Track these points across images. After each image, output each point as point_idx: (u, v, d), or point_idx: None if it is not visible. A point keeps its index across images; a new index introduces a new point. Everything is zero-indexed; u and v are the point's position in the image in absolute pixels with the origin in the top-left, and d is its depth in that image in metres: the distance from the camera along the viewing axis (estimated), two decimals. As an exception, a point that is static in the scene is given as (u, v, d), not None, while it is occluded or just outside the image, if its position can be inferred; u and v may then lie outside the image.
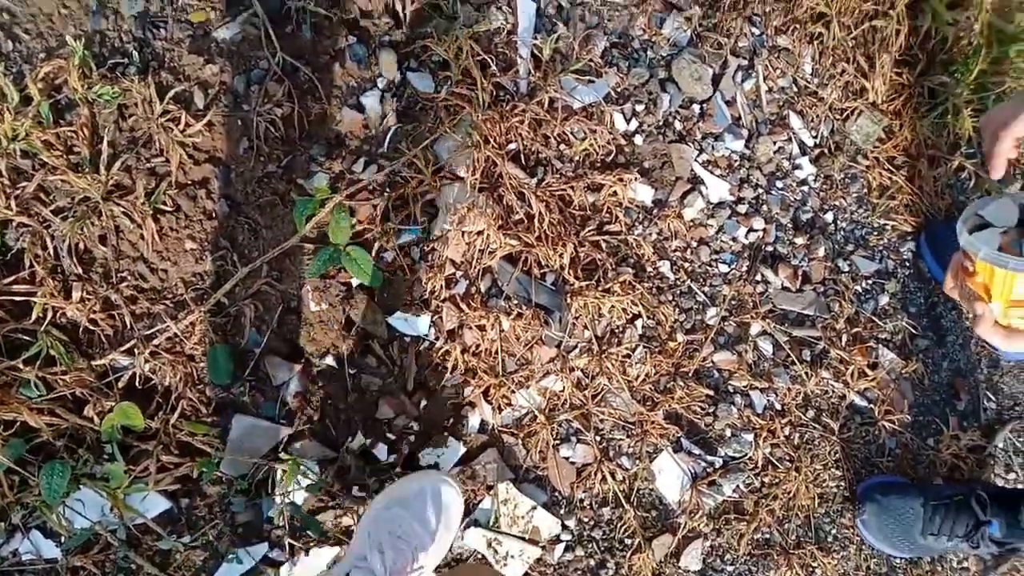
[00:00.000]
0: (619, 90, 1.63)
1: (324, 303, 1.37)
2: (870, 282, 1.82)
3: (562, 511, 1.53)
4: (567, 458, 1.54)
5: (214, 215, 1.33)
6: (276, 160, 1.35)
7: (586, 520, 1.54)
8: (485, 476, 1.46)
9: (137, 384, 1.30)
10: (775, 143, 1.80)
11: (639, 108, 1.65)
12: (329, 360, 1.39)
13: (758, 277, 1.74)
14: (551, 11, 1.60)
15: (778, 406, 1.68)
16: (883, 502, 1.62)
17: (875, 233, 1.86)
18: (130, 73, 1.31)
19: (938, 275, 1.87)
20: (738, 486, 1.62)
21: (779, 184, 1.80)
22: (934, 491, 1.63)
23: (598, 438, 1.57)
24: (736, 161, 1.75)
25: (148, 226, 1.29)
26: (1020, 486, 1.82)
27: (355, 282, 1.40)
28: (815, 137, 1.85)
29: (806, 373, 1.70)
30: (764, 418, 1.66)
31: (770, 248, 1.76)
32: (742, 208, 1.74)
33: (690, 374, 1.64)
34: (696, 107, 1.71)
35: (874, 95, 1.89)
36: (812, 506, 1.66)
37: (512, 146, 1.50)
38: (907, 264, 1.87)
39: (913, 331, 1.82)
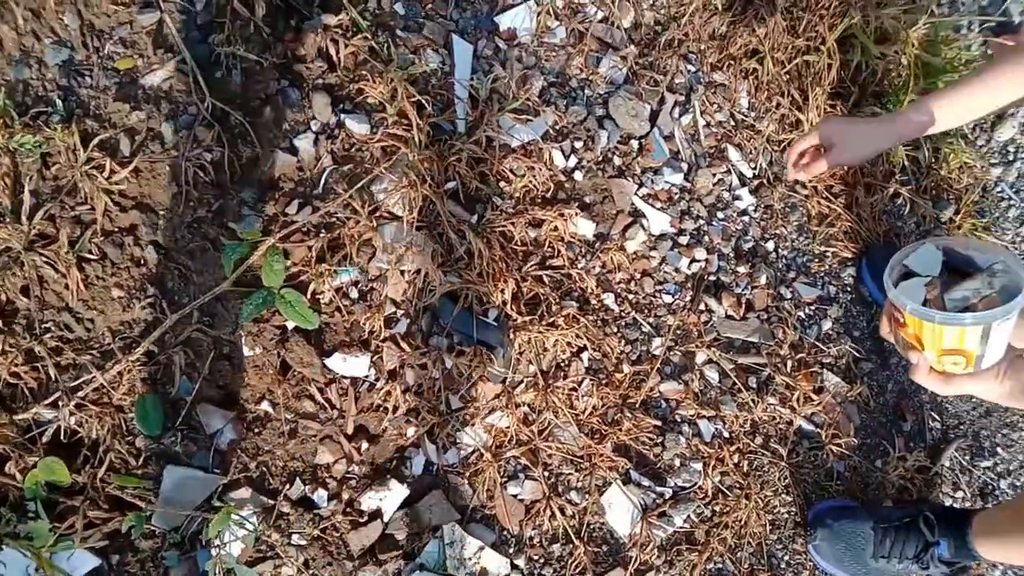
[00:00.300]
0: (557, 128, 1.54)
1: (258, 347, 1.25)
2: (812, 308, 1.72)
3: (511, 550, 1.40)
4: (515, 495, 1.42)
5: (142, 262, 1.22)
6: (206, 205, 1.24)
7: (536, 558, 1.41)
8: (430, 518, 1.33)
9: (62, 438, 1.17)
10: (714, 175, 1.71)
11: (578, 145, 1.55)
12: (265, 406, 1.27)
13: (702, 306, 1.63)
14: (488, 52, 1.51)
15: (726, 434, 1.57)
16: (834, 527, 1.51)
17: (816, 260, 1.77)
18: (53, 121, 1.19)
19: (879, 299, 1.77)
20: (689, 516, 1.50)
21: (720, 215, 1.71)
22: (883, 514, 1.51)
23: (546, 473, 1.45)
24: (676, 194, 1.66)
25: (73, 275, 1.17)
26: (967, 504, 1.71)
27: (291, 325, 1.28)
28: (754, 168, 1.77)
29: (753, 400, 1.59)
30: (713, 446, 1.55)
31: (713, 278, 1.66)
32: (684, 239, 1.65)
33: (637, 405, 1.52)
34: (634, 143, 1.62)
35: (809, 127, 1.81)
36: (764, 533, 1.55)
37: (451, 184, 1.40)
38: (848, 289, 1.78)
39: (857, 354, 1.72)
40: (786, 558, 1.56)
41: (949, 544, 1.43)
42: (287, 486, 1.27)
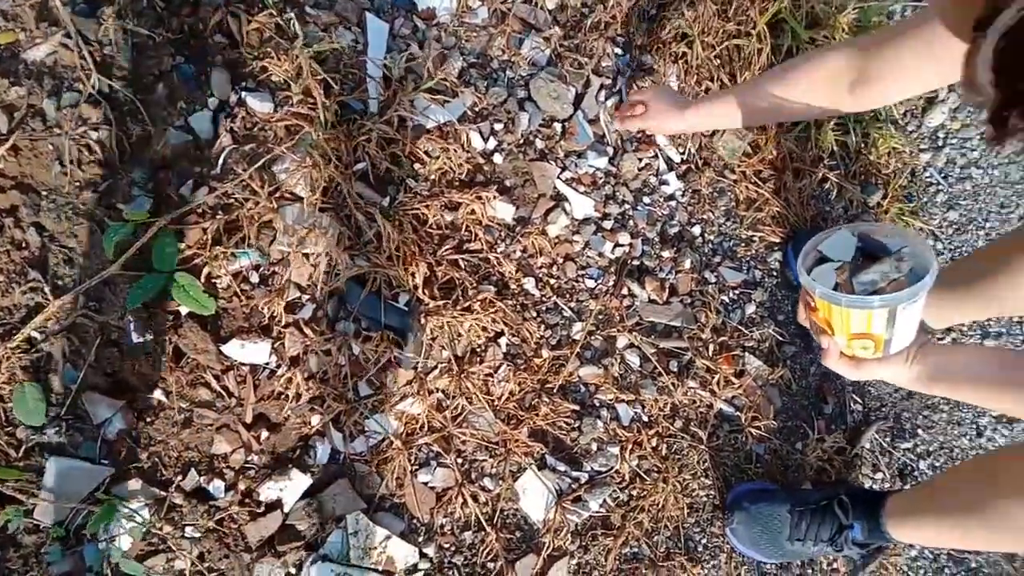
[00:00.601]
0: (476, 109, 1.41)
1: (149, 333, 1.12)
2: (737, 292, 1.61)
3: (421, 539, 1.28)
4: (426, 483, 1.30)
5: (23, 245, 1.08)
6: (93, 185, 1.10)
7: (447, 546, 1.30)
8: (334, 508, 1.21)
9: (-65, 430, 1.04)
10: (641, 160, 1.59)
11: (498, 127, 1.42)
12: (158, 394, 1.14)
13: (625, 291, 1.52)
14: (405, 32, 1.37)
15: (645, 418, 1.46)
16: (751, 510, 1.41)
17: (743, 244, 1.66)
18: (-76, 96, 1.05)
19: (804, 282, 1.67)
20: (605, 500, 1.39)
21: (646, 200, 1.58)
22: (801, 497, 1.41)
23: (460, 460, 1.33)
24: (601, 178, 1.54)
25: (-55, 259, 1.03)
26: (887, 486, 1.62)
27: (184, 310, 1.15)
28: (682, 153, 1.64)
29: (673, 384, 1.48)
30: (631, 430, 1.44)
31: (637, 262, 1.54)
32: (608, 224, 1.52)
33: (555, 390, 1.41)
34: (557, 126, 1.49)
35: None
36: (682, 516, 1.44)
37: (360, 166, 1.26)
38: (774, 273, 1.67)
39: (780, 338, 1.61)
40: (704, 541, 1.45)
41: (863, 526, 1.33)
42: (181, 477, 1.14)
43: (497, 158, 1.40)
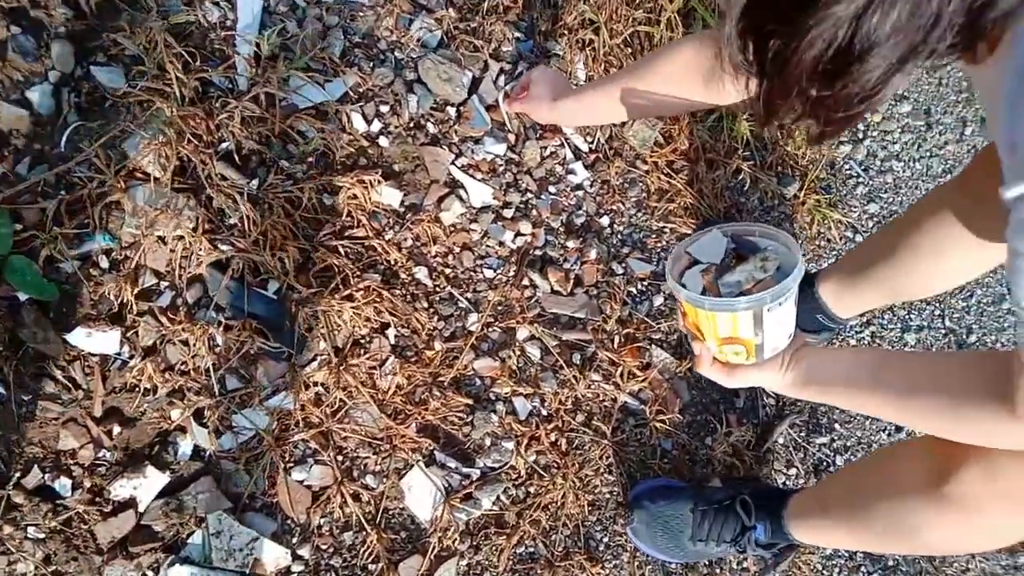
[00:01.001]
0: (360, 90, 1.33)
1: (-19, 321, 1.03)
2: (645, 284, 1.54)
3: (295, 540, 1.19)
4: (301, 481, 1.21)
5: None
6: (-87, 161, 1.02)
7: (324, 548, 1.21)
8: (195, 507, 1.12)
9: None
10: (545, 148, 1.52)
11: (384, 109, 1.35)
12: (-5, 386, 1.05)
13: (526, 281, 1.44)
14: (283, 9, 1.30)
15: (544, 412, 1.38)
16: (652, 509, 1.33)
17: (653, 235, 1.59)
18: None
19: (716, 274, 1.60)
20: (499, 498, 1.31)
21: (551, 189, 1.52)
22: (704, 496, 1.34)
23: (340, 457, 1.24)
24: (500, 165, 1.47)
25: None
26: (801, 482, 1.55)
27: (23, 296, 1.06)
28: (590, 143, 1.58)
29: (575, 376, 1.40)
30: (528, 425, 1.36)
31: (539, 252, 1.47)
32: (508, 212, 1.45)
33: (447, 383, 1.33)
34: (451, 110, 1.42)
35: (648, 100, 1.63)
36: (582, 514, 1.36)
37: (224, 145, 1.18)
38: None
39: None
40: (605, 540, 1.37)
41: (766, 527, 1.26)
42: (21, 474, 1.05)
43: (383, 141, 1.33)
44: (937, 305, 1.78)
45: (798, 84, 0.56)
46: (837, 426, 1.62)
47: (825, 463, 1.58)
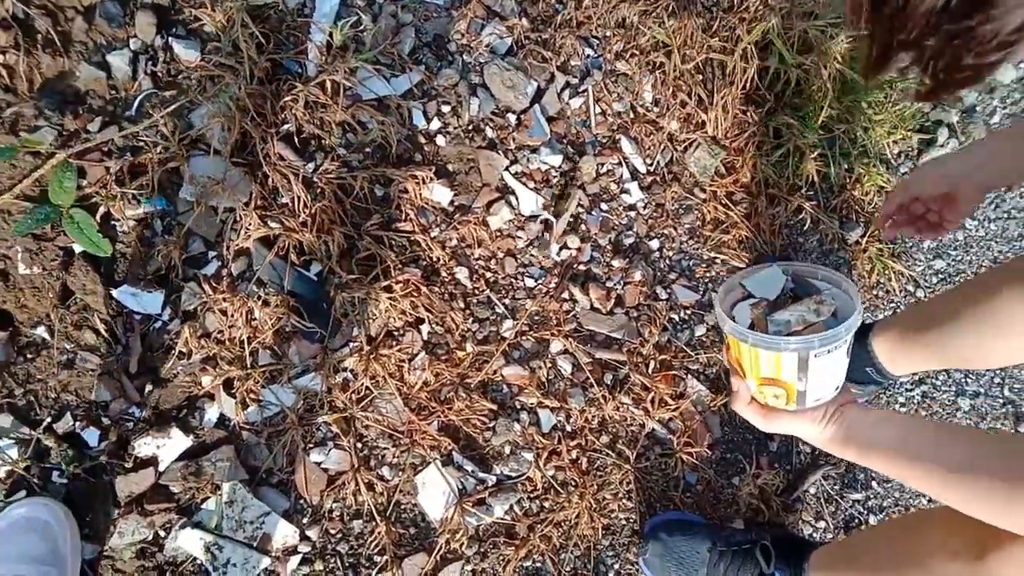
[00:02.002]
0: (424, 88, 1.34)
1: (37, 267, 1.06)
2: (688, 312, 1.49)
3: (305, 520, 1.19)
4: (319, 463, 1.21)
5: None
6: (-6, 110, 1.06)
7: (333, 532, 1.20)
8: (213, 474, 1.13)
9: None
10: (602, 164, 1.49)
11: (445, 109, 1.35)
12: (41, 331, 1.08)
13: (566, 295, 1.41)
14: (360, 2, 1.32)
15: (569, 428, 1.35)
16: (668, 542, 1.27)
17: (703, 265, 1.54)
18: None
19: (764, 312, 1.54)
20: (512, 508, 1.28)
21: (604, 206, 1.49)
22: (725, 536, 1.28)
23: (359, 445, 1.23)
24: (555, 176, 1.45)
25: None
26: (829, 536, 1.47)
27: (78, 249, 1.09)
28: (650, 164, 1.54)
29: (604, 396, 1.36)
30: (550, 438, 1.32)
31: (583, 267, 1.44)
32: (557, 224, 1.43)
33: (474, 386, 1.31)
34: (512, 116, 1.41)
35: (713, 129, 1.59)
36: (595, 537, 1.32)
37: (286, 127, 1.20)
38: (734, 298, 1.54)
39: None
40: (616, 566, 1.32)
41: (785, 576, 1.19)
42: (54, 419, 1.07)
43: (440, 140, 1.33)
44: (998, 372, 1.66)
45: (925, 18, 0.47)
46: (874, 484, 1.53)
47: (857, 520, 1.49)
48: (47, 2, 1.07)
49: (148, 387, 1.11)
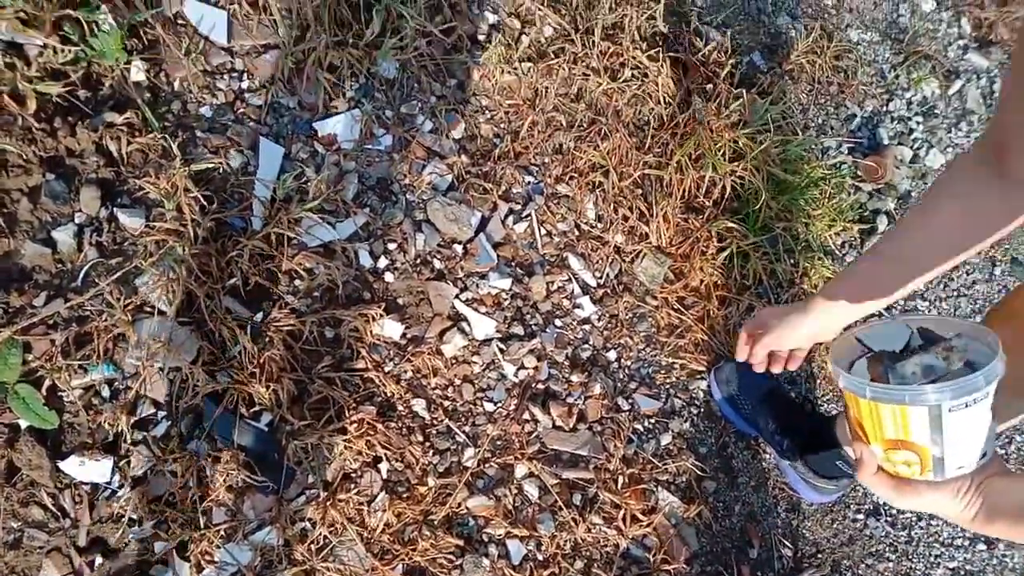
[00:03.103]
0: (369, 229, 1.37)
1: (-19, 447, 1.05)
2: (652, 420, 1.48)
3: None
4: (280, 622, 1.16)
5: None
6: (-60, 294, 1.08)
7: None
8: (167, 646, 1.07)
9: None
10: (552, 282, 1.52)
11: (391, 246, 1.38)
12: (-15, 512, 1.05)
13: (527, 416, 1.40)
14: (303, 156, 1.37)
15: (540, 556, 1.30)
16: (653, 669, 1.21)
17: (662, 371, 1.55)
18: None
19: (728, 414, 1.53)
20: (486, 651, 1.22)
21: (557, 323, 1.50)
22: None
23: (322, 597, 1.19)
24: (506, 299, 1.47)
25: None
26: (823, 644, 1.40)
27: (24, 424, 1.07)
28: (599, 277, 1.57)
29: (575, 519, 1.33)
30: (522, 571, 1.28)
31: (542, 386, 1.44)
32: (512, 345, 1.44)
33: (438, 522, 1.27)
34: (458, 247, 1.44)
35: (657, 239, 1.63)
36: (578, 673, 1.25)
37: (232, 281, 1.22)
38: (696, 403, 1.54)
39: (700, 472, 1.46)
40: None
41: None
42: (-1, 605, 1.03)
43: (388, 276, 1.35)
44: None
45: None
46: (863, 583, 1.47)
47: (849, 625, 1.43)
48: (-9, 188, 1.11)
49: (99, 559, 1.07)
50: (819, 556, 1.48)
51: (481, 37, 1.58)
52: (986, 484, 0.72)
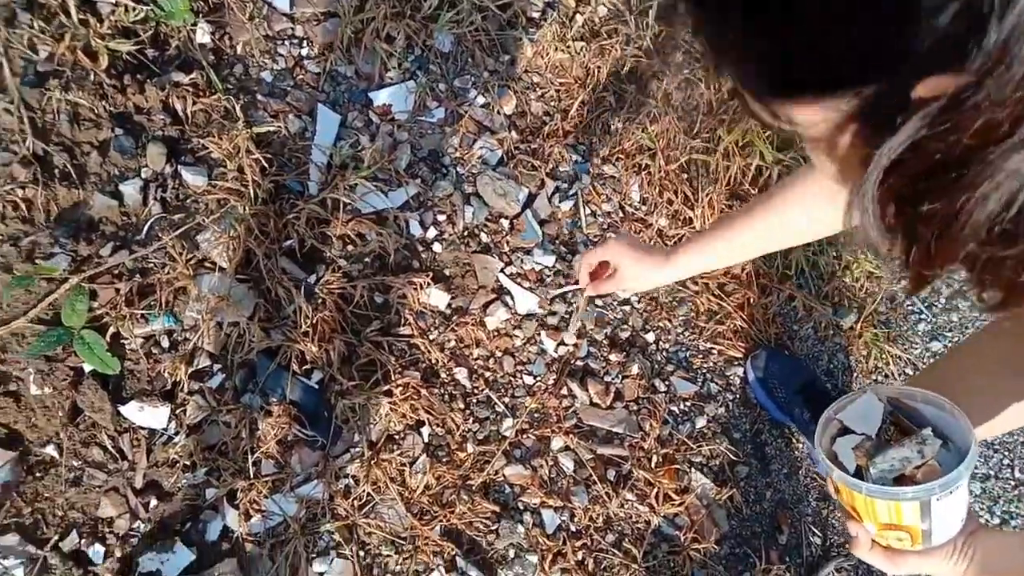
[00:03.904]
0: (420, 199, 1.41)
1: (48, 387, 1.10)
2: (688, 404, 1.50)
3: (308, 633, 1.17)
4: (321, 574, 1.20)
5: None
6: (13, 239, 1.12)
7: (336, 645, 1.18)
8: (215, 588, 1.12)
9: None
10: (595, 262, 1.54)
11: (440, 218, 1.41)
12: (50, 449, 1.10)
13: (565, 391, 1.43)
14: (358, 124, 1.41)
15: (573, 528, 1.34)
16: (680, 643, 1.24)
17: (700, 356, 1.56)
18: None
19: (763, 401, 1.55)
20: (518, 614, 1.25)
21: (598, 302, 1.53)
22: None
23: (362, 553, 1.23)
24: (548, 276, 1.49)
25: None
26: (848, 632, 1.42)
27: (88, 368, 1.12)
28: (642, 260, 1.59)
29: (608, 493, 1.36)
30: (555, 539, 1.31)
31: (581, 363, 1.46)
32: (553, 321, 1.47)
33: (476, 487, 1.31)
34: (505, 222, 1.47)
35: (700, 224, 1.64)
36: (605, 643, 1.28)
37: (289, 242, 1.26)
38: (733, 388, 1.56)
39: (733, 457, 1.48)
40: (628, 673, 1.28)
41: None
42: (60, 537, 1.08)
43: (437, 247, 1.39)
44: (1007, 454, 1.65)
45: (963, 247, 0.45)
46: None
47: (875, 614, 1.45)
48: (65, 138, 1.15)
49: (153, 501, 1.12)
50: (847, 546, 1.49)
51: (536, 15, 1.60)
52: (970, 541, 0.82)
